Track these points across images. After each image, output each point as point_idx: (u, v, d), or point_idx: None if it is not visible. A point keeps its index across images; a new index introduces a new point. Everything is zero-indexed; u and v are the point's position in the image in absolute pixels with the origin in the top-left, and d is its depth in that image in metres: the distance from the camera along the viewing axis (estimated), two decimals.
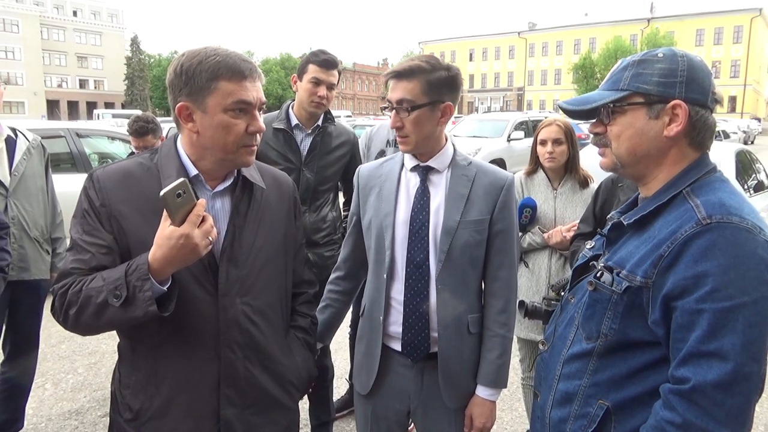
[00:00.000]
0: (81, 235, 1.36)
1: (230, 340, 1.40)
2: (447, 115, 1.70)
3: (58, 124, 7.36)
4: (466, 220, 1.71)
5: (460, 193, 1.72)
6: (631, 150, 1.20)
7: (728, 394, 1.01)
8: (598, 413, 1.18)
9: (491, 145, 12.83)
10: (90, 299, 1.25)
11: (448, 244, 1.69)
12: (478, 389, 1.79)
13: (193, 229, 1.21)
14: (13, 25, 59.81)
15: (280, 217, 1.55)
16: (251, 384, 1.44)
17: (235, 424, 1.42)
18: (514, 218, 1.79)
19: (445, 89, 1.67)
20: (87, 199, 1.38)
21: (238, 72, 1.33)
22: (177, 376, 1.38)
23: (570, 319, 1.31)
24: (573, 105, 1.27)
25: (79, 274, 1.32)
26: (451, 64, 1.72)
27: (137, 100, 60.82)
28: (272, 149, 2.68)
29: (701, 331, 1.03)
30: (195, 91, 1.32)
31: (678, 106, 1.15)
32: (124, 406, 1.42)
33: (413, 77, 1.64)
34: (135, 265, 1.24)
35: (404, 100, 1.64)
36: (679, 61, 1.17)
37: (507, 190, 1.76)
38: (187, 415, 1.38)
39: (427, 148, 1.74)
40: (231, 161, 1.40)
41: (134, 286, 1.21)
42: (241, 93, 1.33)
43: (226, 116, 1.33)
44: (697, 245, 1.05)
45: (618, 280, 1.17)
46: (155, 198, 1.28)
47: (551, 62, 66.61)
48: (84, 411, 3.48)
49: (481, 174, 1.76)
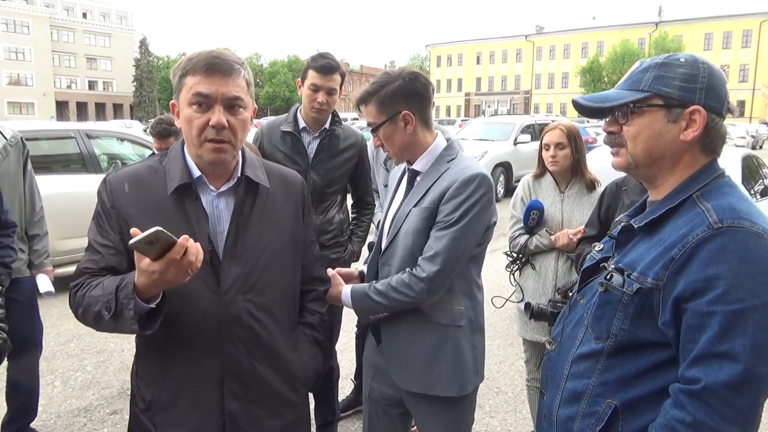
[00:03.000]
0: (95, 237, 1.45)
1: (232, 336, 1.43)
2: (411, 123, 1.77)
3: (68, 125, 7.41)
4: (417, 209, 1.77)
5: (424, 187, 1.79)
6: (648, 151, 1.21)
7: (738, 395, 1.03)
8: (606, 412, 1.20)
9: (498, 148, 12.82)
10: (90, 306, 1.35)
11: (396, 230, 1.81)
12: (346, 287, 1.84)
13: (167, 267, 1.21)
14: (24, 26, 60.39)
15: (287, 215, 1.58)
16: (255, 378, 1.48)
17: (240, 417, 1.45)
18: (464, 212, 1.69)
19: (400, 99, 1.75)
20: (100, 202, 1.47)
21: (201, 67, 1.37)
22: (182, 370, 1.43)
23: (579, 319, 1.32)
24: (591, 101, 1.27)
25: (90, 274, 1.42)
26: (405, 71, 1.79)
27: (146, 101, 61.24)
28: (280, 152, 2.71)
29: (712, 333, 1.04)
30: (176, 89, 1.43)
31: (697, 112, 1.17)
32: (139, 397, 1.51)
33: (368, 102, 1.78)
34: (125, 282, 1.29)
35: (370, 123, 1.80)
36: (701, 68, 1.18)
37: (462, 183, 1.70)
38: (193, 408, 1.44)
39: (411, 155, 1.84)
40: (200, 158, 1.43)
41: (121, 303, 1.28)
42: (199, 86, 1.36)
43: (190, 110, 1.39)
44: (708, 249, 1.07)
45: (629, 281, 1.18)
46: (162, 200, 1.38)
47: (558, 65, 66.50)
48: (92, 408, 3.51)
49: (451, 169, 1.77)
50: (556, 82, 67.05)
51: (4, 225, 2.40)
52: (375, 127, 1.78)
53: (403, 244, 1.78)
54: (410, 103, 1.76)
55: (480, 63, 72.70)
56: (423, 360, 1.79)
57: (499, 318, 4.99)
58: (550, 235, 2.75)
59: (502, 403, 3.65)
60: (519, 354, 4.29)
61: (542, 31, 68.18)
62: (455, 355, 1.78)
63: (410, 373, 1.82)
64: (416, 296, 1.70)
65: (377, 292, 1.75)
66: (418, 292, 1.69)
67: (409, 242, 1.76)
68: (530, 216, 2.78)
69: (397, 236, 1.80)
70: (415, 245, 1.75)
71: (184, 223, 1.40)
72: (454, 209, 1.69)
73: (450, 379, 1.78)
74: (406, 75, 1.77)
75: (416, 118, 1.77)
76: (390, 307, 1.74)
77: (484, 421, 3.37)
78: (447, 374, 1.78)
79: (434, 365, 1.78)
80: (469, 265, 1.81)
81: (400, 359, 1.83)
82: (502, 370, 4.09)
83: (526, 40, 68.55)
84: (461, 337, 1.79)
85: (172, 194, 1.41)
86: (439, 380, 1.78)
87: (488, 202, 1.74)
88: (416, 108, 1.77)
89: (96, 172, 5.99)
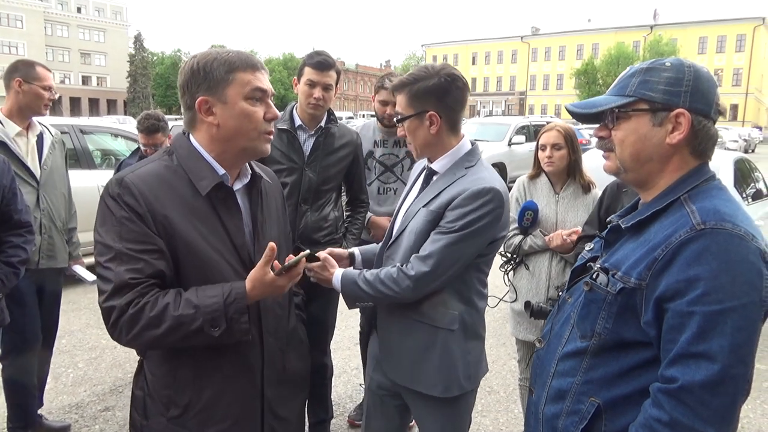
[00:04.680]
0: (124, 244, 1.31)
1: (268, 325, 1.53)
2: (436, 124, 1.75)
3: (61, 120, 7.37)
4: (425, 209, 1.77)
5: (437, 188, 1.78)
6: (635, 155, 1.23)
7: (715, 395, 1.04)
8: (589, 410, 1.21)
9: (492, 149, 12.84)
10: (182, 326, 1.29)
11: (404, 226, 1.82)
12: (338, 271, 1.82)
13: (289, 283, 1.41)
14: (17, 20, 59.88)
15: (279, 210, 1.69)
16: (284, 365, 1.59)
17: (274, 402, 1.56)
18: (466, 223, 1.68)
19: (431, 98, 1.73)
20: (124, 206, 1.33)
21: (252, 64, 1.44)
22: (228, 366, 1.46)
23: (566, 318, 1.34)
24: (579, 108, 1.30)
25: (138, 285, 1.30)
26: (446, 69, 1.75)
27: (140, 97, 60.73)
28: (275, 149, 2.71)
29: (691, 333, 1.06)
30: (214, 84, 1.40)
31: (681, 115, 1.17)
32: (166, 406, 1.44)
33: (401, 91, 1.78)
34: (233, 297, 1.33)
35: (397, 113, 1.80)
36: (686, 71, 1.19)
37: (471, 195, 1.68)
38: (235, 401, 1.47)
39: (431, 153, 1.83)
40: (252, 149, 1.47)
41: (232, 318, 1.32)
42: (257, 81, 1.43)
43: (246, 104, 1.42)
44: (690, 250, 1.08)
45: (613, 281, 1.20)
46: (191, 200, 1.39)
47: (554, 67, 66.68)
48: (84, 405, 3.50)
49: (467, 177, 1.75)
50: (551, 84, 67.23)
51: (17, 224, 2.43)
52: (402, 118, 1.78)
53: (406, 242, 1.79)
54: (440, 104, 1.74)
55: (475, 63, 72.78)
56: (412, 356, 1.82)
57: (492, 318, 4.99)
58: (545, 235, 2.76)
59: (494, 402, 3.67)
60: (512, 354, 4.31)
61: (538, 33, 68.37)
62: (443, 356, 1.78)
63: (399, 365, 1.86)
64: (400, 292, 1.71)
65: (365, 281, 1.76)
66: (403, 288, 1.70)
67: (411, 241, 1.77)
68: (525, 216, 2.80)
69: (404, 233, 1.82)
70: (416, 245, 1.75)
71: (218, 222, 1.43)
72: (457, 218, 1.68)
73: (435, 378, 1.79)
74: (444, 74, 1.73)
75: (442, 121, 1.75)
76: (374, 297, 1.75)
77: (476, 420, 3.39)
78: (433, 373, 1.79)
79: (421, 363, 1.80)
80: (471, 271, 1.79)
81: (392, 351, 1.88)
82: (495, 369, 4.11)
83: (522, 41, 68.70)
84: (452, 341, 1.78)
85: (207, 193, 1.42)
86: (425, 378, 1.80)
87: (496, 217, 1.71)
88: (445, 110, 1.75)
89: (89, 168, 5.96)
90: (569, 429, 1.24)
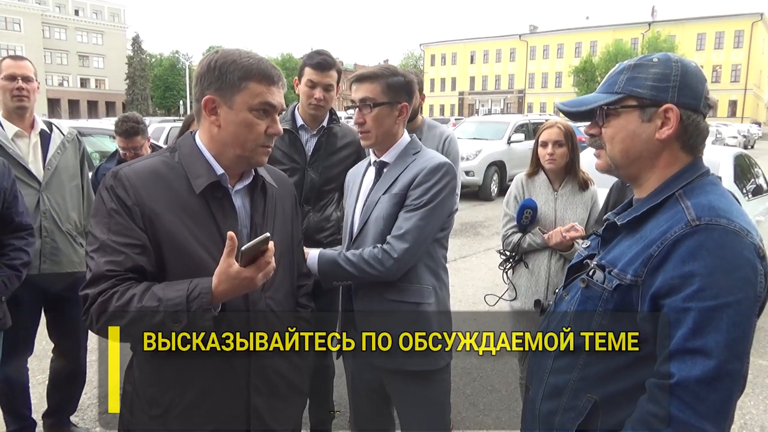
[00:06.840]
0: (109, 236, 1.33)
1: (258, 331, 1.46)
2: (404, 115, 1.93)
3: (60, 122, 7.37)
4: (387, 195, 1.88)
5: (393, 175, 1.91)
6: (624, 152, 1.23)
7: (711, 390, 1.04)
8: (586, 406, 1.22)
9: (491, 147, 12.85)
10: (144, 318, 1.28)
11: (366, 217, 1.91)
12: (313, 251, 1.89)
13: (258, 273, 1.29)
14: (15, 23, 59.85)
15: (288, 214, 1.65)
16: (276, 373, 1.53)
17: (263, 411, 1.50)
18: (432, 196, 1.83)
19: (403, 92, 1.91)
20: (115, 198, 1.35)
21: (268, 77, 1.42)
22: (212, 369, 1.41)
23: (563, 315, 1.34)
24: (569, 106, 1.31)
25: (114, 277, 1.31)
26: (408, 72, 1.99)
27: (138, 99, 60.79)
28: (277, 149, 2.71)
29: (686, 329, 1.06)
30: (225, 86, 1.39)
31: (670, 110, 1.18)
32: (149, 403, 1.43)
33: (375, 80, 1.88)
34: (197, 292, 1.28)
35: (367, 99, 1.87)
36: (673, 66, 1.19)
37: (430, 171, 1.85)
38: (218, 406, 1.43)
39: (385, 144, 1.95)
40: (247, 159, 1.46)
41: (194, 313, 1.27)
42: (267, 96, 1.41)
43: (251, 115, 1.40)
44: (685, 246, 1.09)
45: (609, 278, 1.20)
46: (186, 197, 1.36)
47: (552, 65, 66.65)
48: (84, 407, 3.50)
49: (417, 160, 1.91)
50: (549, 82, 67.20)
51: (18, 227, 2.41)
52: (374, 104, 1.86)
53: (373, 229, 1.89)
54: (409, 99, 1.94)
55: (474, 62, 72.75)
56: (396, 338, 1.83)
57: (492, 316, 5.00)
58: (543, 233, 2.76)
59: (495, 401, 3.67)
60: (512, 353, 4.31)
61: (536, 31, 68.34)
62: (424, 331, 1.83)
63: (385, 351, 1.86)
64: (385, 271, 1.81)
65: (347, 260, 1.84)
66: (388, 267, 1.80)
67: (380, 226, 1.87)
68: (524, 214, 2.80)
69: (368, 223, 1.91)
70: (386, 229, 1.86)
71: (211, 221, 1.41)
72: (423, 194, 1.83)
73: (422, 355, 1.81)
74: (409, 75, 1.95)
75: (405, 115, 1.94)
76: (358, 277, 1.85)
77: (478, 419, 3.39)
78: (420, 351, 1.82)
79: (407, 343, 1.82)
80: (436, 246, 1.94)
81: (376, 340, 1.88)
82: (496, 368, 4.11)
83: (520, 39, 68.67)
84: (431, 316, 1.89)
85: (202, 192, 1.40)
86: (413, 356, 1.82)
87: (452, 189, 1.90)
88: (408, 106, 1.94)
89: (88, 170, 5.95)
90: (566, 425, 1.25)
